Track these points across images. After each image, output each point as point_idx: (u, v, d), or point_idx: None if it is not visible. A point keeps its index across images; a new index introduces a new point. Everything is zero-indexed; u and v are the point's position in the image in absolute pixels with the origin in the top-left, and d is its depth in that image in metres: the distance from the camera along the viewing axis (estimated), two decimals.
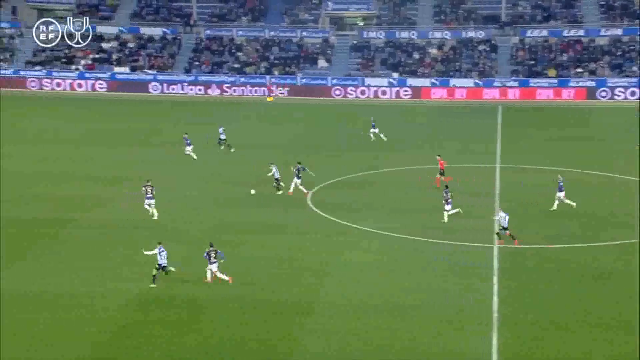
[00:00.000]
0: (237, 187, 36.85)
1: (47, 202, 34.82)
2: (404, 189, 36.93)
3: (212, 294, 25.57)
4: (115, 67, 68.57)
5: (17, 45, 69.91)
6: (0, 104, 58.07)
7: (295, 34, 71.44)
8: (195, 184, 38.22)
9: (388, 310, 24.52)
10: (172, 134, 47.73)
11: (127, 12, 73.92)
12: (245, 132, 50.33)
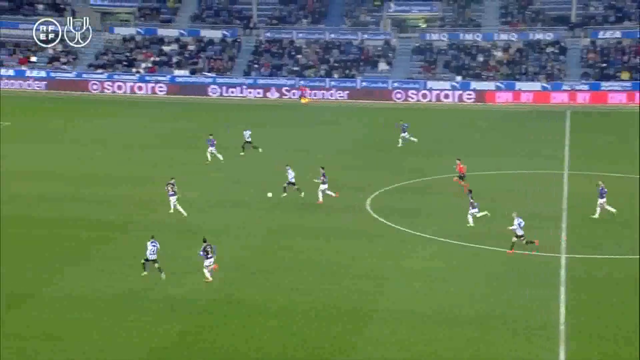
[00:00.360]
0: (291, 191, 36.95)
1: (125, 204, 35.27)
2: (464, 196, 36.48)
3: (268, 301, 25.68)
4: (175, 70, 69.75)
5: (81, 48, 71.67)
6: (65, 107, 59.82)
7: (356, 36, 71.45)
8: (249, 187, 38.46)
9: (450, 321, 24.24)
10: (230, 138, 48.18)
11: (187, 14, 75.16)
12: (303, 136, 50.58)
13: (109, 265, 28.51)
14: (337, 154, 45.63)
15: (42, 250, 29.51)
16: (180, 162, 43.14)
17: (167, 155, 44.71)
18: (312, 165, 39.17)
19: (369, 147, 48.10)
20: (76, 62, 70.34)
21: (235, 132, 47.01)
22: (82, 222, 33.01)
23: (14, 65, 69.09)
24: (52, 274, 27.32)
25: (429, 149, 46.83)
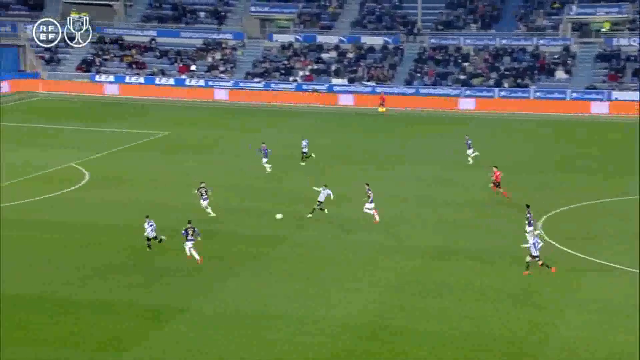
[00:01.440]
0: (450, 208, 35.69)
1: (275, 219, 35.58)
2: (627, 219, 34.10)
3: (430, 327, 25.06)
4: (333, 78, 70.41)
5: (239, 56, 74.16)
6: (221, 116, 61.68)
7: (531, 42, 69.09)
8: (408, 203, 37.75)
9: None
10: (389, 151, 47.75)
11: (348, 20, 75.78)
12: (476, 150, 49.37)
13: (258, 281, 28.80)
14: (506, 170, 43.93)
15: (192, 265, 30.17)
16: (338, 176, 43.14)
17: (324, 169, 44.81)
18: (473, 184, 37.78)
19: (541, 164, 45.95)
20: (234, 70, 72.72)
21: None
22: (233, 236, 33.64)
23: (174, 74, 72.50)
24: (209, 289, 27.89)
25: (608, 168, 44.07)
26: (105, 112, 63.39)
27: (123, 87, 71.01)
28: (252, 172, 44.30)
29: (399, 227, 34.75)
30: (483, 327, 25.00)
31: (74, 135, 54.42)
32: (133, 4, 79.98)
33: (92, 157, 47.29)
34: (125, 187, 40.90)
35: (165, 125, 57.67)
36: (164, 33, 76.15)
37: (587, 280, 28.64)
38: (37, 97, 69.38)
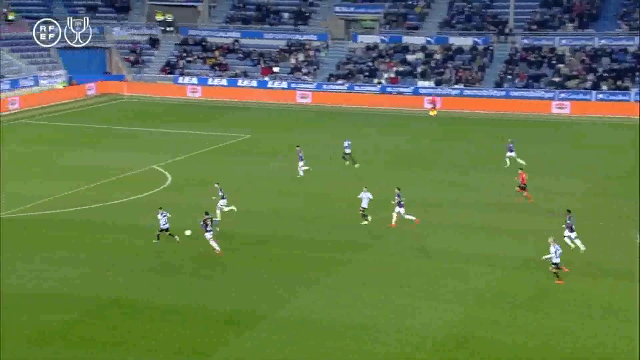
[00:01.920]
0: (537, 217, 34.80)
1: (361, 225, 35.66)
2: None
3: (518, 340, 24.53)
4: (419, 80, 69.81)
5: (322, 58, 74.36)
6: (304, 118, 61.95)
7: (633, 42, 66.90)
8: (505, 212, 37.02)
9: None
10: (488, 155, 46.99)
11: (436, 20, 75.05)
12: (560, 157, 48.08)
13: (338, 288, 28.78)
14: (604, 179, 42.73)
15: (279, 270, 30.46)
16: (422, 181, 42.75)
17: (402, 175, 44.46)
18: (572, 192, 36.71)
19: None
20: (317, 72, 72.92)
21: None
22: (314, 243, 33.69)
23: (257, 76, 73.24)
24: (287, 296, 28.06)
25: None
26: (187, 115, 64.53)
27: (206, 89, 72.17)
28: (332, 176, 44.26)
29: (480, 236, 34.07)
30: (571, 340, 24.38)
31: (157, 137, 55.56)
32: (217, 5, 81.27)
33: (174, 159, 48.14)
34: (206, 191, 41.42)
35: (247, 128, 58.26)
36: (247, 34, 77.06)
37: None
38: (122, 99, 71.20)
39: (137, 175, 44.30)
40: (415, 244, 33.20)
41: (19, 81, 67.26)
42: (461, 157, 49.07)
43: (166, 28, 78.93)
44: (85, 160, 48.23)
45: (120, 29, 77.99)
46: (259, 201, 39.41)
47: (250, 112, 66.11)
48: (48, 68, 71.57)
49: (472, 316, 26.36)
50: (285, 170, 45.62)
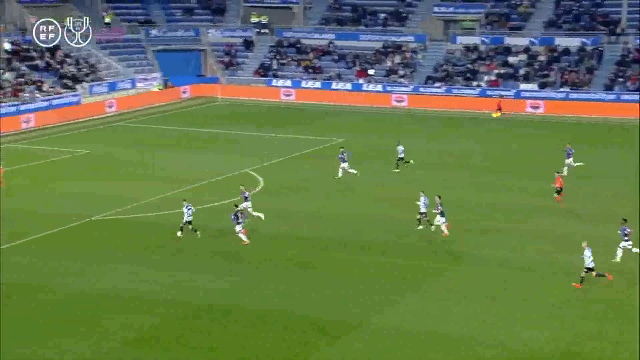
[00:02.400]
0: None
1: (462, 234, 35.48)
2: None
3: (631, 358, 23.48)
4: (521, 83, 68.57)
5: (420, 60, 73.97)
6: (398, 122, 61.67)
7: None
8: (583, 222, 36.01)
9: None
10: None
11: (541, 20, 73.61)
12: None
13: (436, 298, 28.61)
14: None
15: (370, 278, 30.46)
16: (511, 188, 41.98)
17: (487, 181, 43.85)
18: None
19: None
20: (413, 74, 72.56)
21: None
22: (414, 249, 33.54)
23: (351, 79, 73.43)
24: (380, 304, 28.04)
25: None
26: (281, 118, 65.26)
27: (299, 92, 72.83)
28: (431, 181, 43.97)
29: (567, 245, 33.16)
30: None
31: (250, 140, 56.38)
32: (312, 6, 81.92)
33: (267, 163, 48.75)
34: (298, 196, 41.80)
35: (341, 132, 58.47)
36: (343, 36, 77.40)
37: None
38: (216, 101, 72.58)
39: (230, 178, 45.04)
40: (507, 254, 32.62)
41: (117, 84, 69.45)
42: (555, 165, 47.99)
43: (261, 30, 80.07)
44: (180, 163, 49.34)
45: (215, 31, 79.60)
46: (349, 206, 39.46)
47: (344, 116, 66.34)
48: (145, 71, 73.65)
49: (575, 330, 25.67)
50: (378, 175, 45.54)
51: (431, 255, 32.91)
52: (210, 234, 35.47)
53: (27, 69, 64.27)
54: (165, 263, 32.00)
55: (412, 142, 55.20)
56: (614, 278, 29.59)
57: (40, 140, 55.37)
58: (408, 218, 37.02)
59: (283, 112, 68.20)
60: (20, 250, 33.23)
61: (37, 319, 26.63)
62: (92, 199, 39.92)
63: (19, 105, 59.53)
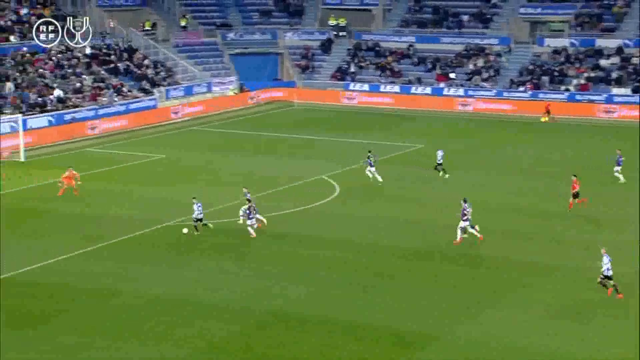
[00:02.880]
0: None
1: (550, 244, 35.11)
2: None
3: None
4: (613, 87, 67.00)
5: (504, 63, 73.02)
6: (484, 129, 61.09)
7: None
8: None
9: None
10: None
11: (636, 21, 71.82)
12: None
13: (520, 311, 28.16)
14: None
15: (452, 288, 30.28)
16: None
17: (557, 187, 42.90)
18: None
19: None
20: (497, 78, 71.64)
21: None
22: (503, 261, 33.12)
23: (431, 83, 72.97)
24: (462, 316, 27.83)
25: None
26: (358, 122, 65.29)
27: (377, 96, 72.72)
28: (516, 190, 43.37)
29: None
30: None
31: (326, 146, 56.57)
32: (392, 9, 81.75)
33: (343, 169, 48.80)
34: (374, 203, 41.70)
35: (420, 138, 58.16)
36: (423, 38, 77.02)
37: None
38: (292, 106, 73.08)
39: (306, 184, 45.24)
40: (587, 265, 31.82)
41: (193, 88, 70.63)
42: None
43: (339, 33, 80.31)
44: (255, 168, 49.80)
45: (293, 34, 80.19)
46: (426, 214, 39.22)
47: (423, 121, 65.98)
48: (221, 74, 74.70)
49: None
50: (459, 182, 45.13)
51: (506, 265, 32.40)
52: (286, 241, 35.67)
53: (106, 73, 65.85)
54: (239, 269, 32.28)
55: (496, 147, 54.61)
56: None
57: (116, 145, 56.67)
58: (494, 226, 36.54)
59: (360, 116, 68.22)
60: (95, 255, 33.97)
61: (109, 324, 27.14)
62: (167, 205, 40.58)
63: (97, 110, 61.06)
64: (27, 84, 59.96)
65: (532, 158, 52.36)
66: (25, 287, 30.25)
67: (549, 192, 43.14)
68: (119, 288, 30.26)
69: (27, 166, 49.21)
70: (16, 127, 52.44)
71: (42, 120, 57.10)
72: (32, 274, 31.58)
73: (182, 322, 27.33)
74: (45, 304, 28.79)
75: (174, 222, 38.21)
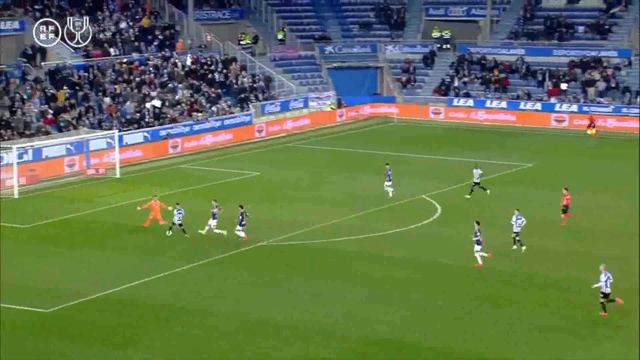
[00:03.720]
0: None
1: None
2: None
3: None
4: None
5: (623, 77, 71.56)
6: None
7: None
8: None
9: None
10: None
11: None
12: None
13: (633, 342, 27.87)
14: None
15: (559, 317, 30.10)
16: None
17: None
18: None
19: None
20: (614, 94, 70.31)
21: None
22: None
23: (542, 98, 72.13)
24: (576, 347, 27.77)
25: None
26: (462, 140, 65.12)
27: (483, 112, 72.37)
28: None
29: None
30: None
31: (427, 164, 56.66)
32: (500, 20, 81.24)
33: (445, 189, 48.80)
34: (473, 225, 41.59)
35: (530, 156, 57.64)
36: (534, 51, 76.31)
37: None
38: (391, 122, 73.39)
39: (406, 204, 45.44)
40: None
41: (289, 103, 71.82)
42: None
43: (442, 45, 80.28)
44: (353, 186, 50.30)
45: (394, 47, 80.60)
46: (535, 238, 38.85)
47: (534, 138, 65.30)
48: (318, 89, 75.72)
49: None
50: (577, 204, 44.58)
51: (614, 291, 31.81)
52: (383, 264, 35.97)
53: (203, 87, 67.61)
54: (335, 292, 32.70)
55: (613, 169, 53.54)
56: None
57: (211, 162, 58.10)
58: (593, 252, 36.02)
59: (464, 133, 68.01)
60: (189, 274, 34.96)
61: (204, 346, 27.84)
62: (262, 223, 41.37)
63: (192, 126, 62.81)
64: (124, 97, 62.24)
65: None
66: (119, 305, 31.41)
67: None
68: (214, 309, 31.02)
69: (123, 182, 50.98)
70: (112, 143, 54.47)
71: (138, 136, 59.11)
72: (126, 292, 32.76)
73: (280, 345, 27.81)
74: (138, 322, 29.81)
75: (268, 242, 38.97)
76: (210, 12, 78.14)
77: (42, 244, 39.08)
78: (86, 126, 56.63)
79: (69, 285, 33.38)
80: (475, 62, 77.82)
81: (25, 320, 29.93)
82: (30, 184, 49.52)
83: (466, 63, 77.86)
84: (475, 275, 34.31)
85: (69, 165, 53.29)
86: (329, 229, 40.90)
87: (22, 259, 36.76)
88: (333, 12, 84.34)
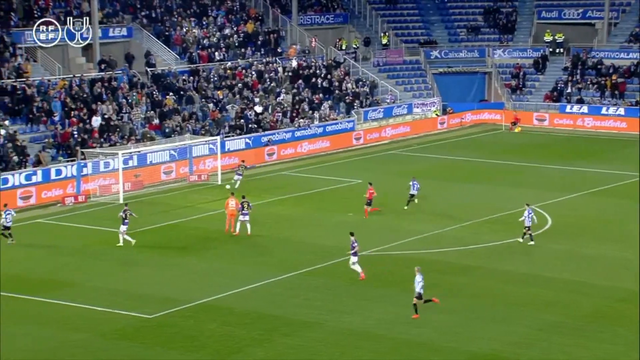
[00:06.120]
0: None
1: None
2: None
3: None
4: None
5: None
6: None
7: None
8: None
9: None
10: None
11: None
12: None
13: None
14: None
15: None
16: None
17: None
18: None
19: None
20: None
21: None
22: None
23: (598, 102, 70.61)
24: None
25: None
26: (575, 148, 64.24)
27: (598, 119, 71.16)
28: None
29: None
30: None
31: (537, 173, 56.12)
32: (619, 22, 79.62)
33: (556, 199, 48.30)
34: (591, 238, 41.11)
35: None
36: None
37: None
38: (499, 129, 72.78)
39: (511, 215, 45.14)
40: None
41: (393, 109, 72.13)
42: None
43: (555, 49, 79.23)
44: (459, 195, 50.29)
45: (503, 52, 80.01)
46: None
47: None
48: (423, 95, 75.81)
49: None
50: None
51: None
52: (490, 276, 35.98)
53: (306, 92, 68.58)
54: (436, 305, 32.89)
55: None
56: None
57: (313, 168, 58.84)
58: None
59: (577, 141, 67.09)
60: (287, 283, 35.64)
61: (304, 356, 28.48)
62: (363, 233, 41.60)
63: (294, 132, 63.82)
64: (227, 103, 63.78)
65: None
66: (220, 313, 32.30)
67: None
68: (316, 318, 31.61)
69: (224, 190, 52.21)
70: (214, 150, 55.87)
71: (240, 142, 60.44)
72: (226, 300, 33.69)
73: (380, 358, 28.18)
74: (239, 331, 30.58)
75: (369, 252, 39.31)
76: (314, 16, 79.23)
77: (145, 251, 40.35)
78: (189, 132, 58.23)
79: (172, 291, 34.52)
80: (590, 66, 76.39)
81: (127, 325, 31.13)
82: (134, 190, 51.29)
83: (580, 68, 76.56)
84: (588, 291, 33.89)
85: (168, 172, 54.76)
86: (428, 239, 41.04)
87: (125, 266, 38.13)
88: (439, 16, 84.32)
